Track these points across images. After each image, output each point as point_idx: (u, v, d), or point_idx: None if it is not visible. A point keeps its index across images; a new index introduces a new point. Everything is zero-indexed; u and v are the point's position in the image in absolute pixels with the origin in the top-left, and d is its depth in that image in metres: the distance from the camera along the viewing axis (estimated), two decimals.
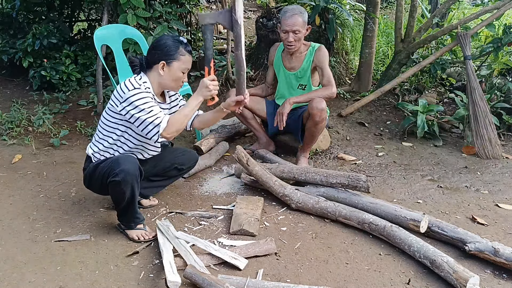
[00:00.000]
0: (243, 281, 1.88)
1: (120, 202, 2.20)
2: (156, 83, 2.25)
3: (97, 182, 2.24)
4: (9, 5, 4.94)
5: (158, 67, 2.20)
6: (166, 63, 2.19)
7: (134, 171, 2.14)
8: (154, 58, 2.21)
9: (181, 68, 2.21)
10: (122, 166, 2.10)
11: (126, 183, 2.11)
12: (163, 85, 2.27)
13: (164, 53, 2.18)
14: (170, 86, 2.27)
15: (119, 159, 2.15)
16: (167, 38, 2.22)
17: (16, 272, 2.03)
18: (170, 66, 2.19)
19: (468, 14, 4.75)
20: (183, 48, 2.20)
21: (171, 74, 2.21)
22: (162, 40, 2.22)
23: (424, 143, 3.67)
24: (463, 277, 1.85)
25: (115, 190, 2.15)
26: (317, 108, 2.89)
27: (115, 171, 2.10)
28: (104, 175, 2.17)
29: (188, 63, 2.24)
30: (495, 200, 2.73)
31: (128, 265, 2.09)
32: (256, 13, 7.46)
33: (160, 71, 2.20)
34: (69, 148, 3.58)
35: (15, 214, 2.54)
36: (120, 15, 3.82)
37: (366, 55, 4.43)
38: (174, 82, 2.24)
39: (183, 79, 2.25)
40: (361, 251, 2.21)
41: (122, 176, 2.09)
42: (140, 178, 2.21)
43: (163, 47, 2.19)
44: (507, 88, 3.92)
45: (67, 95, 4.48)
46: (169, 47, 2.18)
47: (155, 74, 2.23)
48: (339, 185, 2.58)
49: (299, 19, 2.92)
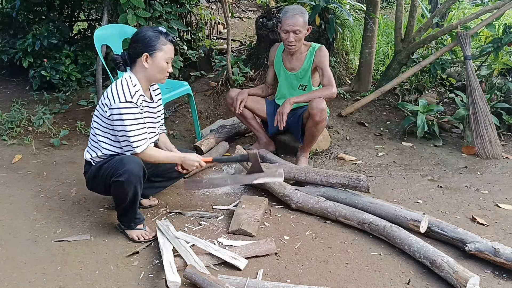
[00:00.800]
0: (243, 281, 1.88)
1: (122, 202, 2.20)
2: (143, 79, 2.23)
3: (101, 183, 2.23)
4: (9, 5, 4.94)
5: (142, 60, 2.17)
6: (149, 54, 2.16)
7: (139, 171, 2.13)
8: (136, 51, 2.17)
9: (165, 57, 2.19)
10: (126, 166, 2.10)
11: (129, 184, 2.11)
12: (149, 78, 2.24)
13: (145, 44, 2.15)
14: (157, 78, 2.25)
15: (124, 159, 2.14)
16: (147, 30, 2.19)
17: (16, 272, 2.03)
18: (154, 57, 2.16)
19: (468, 14, 4.75)
20: (164, 37, 2.17)
21: (155, 65, 2.18)
22: (141, 32, 2.19)
23: (424, 143, 3.67)
24: (463, 277, 1.85)
25: (118, 190, 2.14)
26: (317, 108, 2.89)
27: (119, 171, 2.10)
28: (108, 175, 2.16)
29: (171, 52, 2.21)
30: (495, 200, 2.73)
31: (128, 265, 2.09)
32: (256, 13, 7.46)
33: (144, 64, 2.17)
34: (69, 148, 3.58)
35: (15, 214, 2.54)
36: (120, 15, 3.82)
37: (366, 55, 4.43)
38: (159, 73, 2.22)
39: (168, 69, 2.23)
40: (361, 251, 2.21)
41: (126, 176, 2.09)
42: (144, 179, 2.21)
43: (144, 39, 2.15)
44: (507, 88, 3.92)
45: (67, 95, 4.48)
46: (149, 38, 2.15)
47: (140, 68, 2.20)
48: (339, 185, 2.58)
49: (300, 19, 2.92)
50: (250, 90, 3.33)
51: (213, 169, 3.18)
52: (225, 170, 3.16)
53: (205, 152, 3.31)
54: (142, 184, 2.19)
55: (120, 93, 2.13)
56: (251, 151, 2.39)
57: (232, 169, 3.11)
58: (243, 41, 6.13)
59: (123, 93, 2.13)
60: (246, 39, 6.27)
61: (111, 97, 2.14)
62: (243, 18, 7.35)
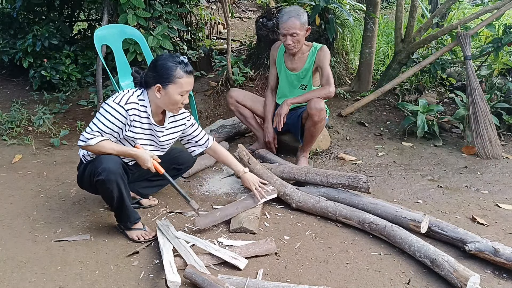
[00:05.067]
0: (243, 281, 1.88)
1: (111, 201, 2.21)
2: (154, 104, 2.18)
3: (87, 182, 2.25)
4: (9, 5, 4.94)
5: (154, 90, 2.11)
6: (161, 86, 2.09)
7: (117, 169, 2.12)
8: (150, 79, 2.13)
9: (179, 91, 2.10)
10: (104, 164, 2.09)
11: (110, 181, 2.10)
12: (161, 106, 2.19)
13: (159, 75, 2.08)
14: (168, 108, 2.20)
15: (102, 158, 2.13)
16: (165, 59, 2.10)
17: (16, 272, 2.03)
18: (166, 89, 2.09)
19: (468, 14, 4.75)
20: (181, 69, 2.08)
21: (167, 97, 2.11)
22: (159, 60, 2.11)
23: (424, 143, 3.67)
24: (463, 275, 1.85)
25: (102, 189, 2.15)
26: (316, 108, 2.89)
27: (98, 170, 2.10)
28: (90, 175, 2.17)
29: (188, 85, 2.12)
30: (495, 200, 2.73)
31: (128, 265, 2.09)
32: (256, 13, 7.47)
33: (157, 94, 2.11)
34: (69, 148, 3.58)
35: (15, 214, 2.54)
36: (120, 15, 3.82)
37: (366, 55, 4.43)
38: (171, 105, 2.15)
39: (182, 101, 2.15)
40: (361, 251, 2.21)
41: (105, 174, 2.09)
42: (127, 176, 2.21)
43: (159, 69, 2.08)
44: (507, 88, 3.92)
45: (67, 95, 4.49)
46: (165, 69, 2.07)
47: (152, 95, 2.16)
48: (339, 185, 2.58)
49: (296, 21, 2.91)
50: (267, 108, 3.24)
51: (213, 169, 3.18)
52: (225, 170, 3.16)
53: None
54: (124, 180, 2.17)
55: (119, 96, 2.14)
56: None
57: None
58: (243, 41, 6.13)
59: (120, 97, 2.13)
60: (246, 39, 6.27)
61: (111, 97, 2.16)
62: (243, 18, 7.35)
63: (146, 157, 2.20)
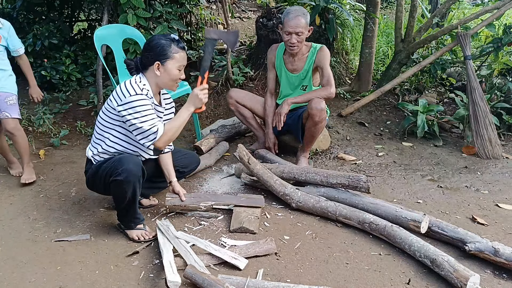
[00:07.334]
0: (243, 281, 1.88)
1: (121, 202, 2.20)
2: (154, 84, 2.26)
3: (101, 182, 2.24)
4: (9, 5, 4.94)
5: (154, 68, 2.20)
6: (160, 63, 2.19)
7: (137, 171, 2.14)
8: (148, 60, 2.21)
9: (176, 66, 2.21)
10: (125, 165, 2.11)
11: (128, 183, 2.11)
12: (161, 84, 2.27)
13: (157, 53, 2.18)
14: (168, 85, 2.28)
15: (123, 158, 2.15)
16: (159, 38, 2.21)
17: (16, 272, 2.03)
18: (165, 65, 2.19)
19: (468, 14, 4.75)
20: (175, 45, 2.20)
21: (167, 73, 2.21)
22: (153, 40, 2.21)
23: (424, 143, 3.67)
24: (463, 275, 1.85)
25: (117, 189, 2.15)
26: (316, 108, 2.89)
27: (117, 170, 2.10)
28: (107, 174, 2.17)
29: (183, 59, 2.24)
30: (495, 200, 2.73)
31: (128, 265, 2.09)
32: (256, 13, 7.46)
33: (156, 72, 2.20)
34: (69, 148, 3.58)
35: (15, 214, 2.54)
36: (120, 15, 3.82)
37: (366, 55, 4.43)
38: (171, 81, 2.25)
39: (180, 76, 2.26)
40: (361, 251, 2.21)
41: (124, 175, 2.09)
42: (143, 179, 2.21)
43: (156, 48, 2.18)
44: (507, 88, 3.92)
45: (67, 95, 4.48)
46: (161, 47, 2.17)
47: (152, 75, 2.23)
48: (339, 185, 2.58)
49: (302, 20, 2.92)
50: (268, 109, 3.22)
51: (213, 169, 3.18)
52: (225, 170, 3.16)
53: (205, 152, 3.31)
54: (141, 183, 2.20)
55: (130, 89, 2.16)
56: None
57: (232, 169, 3.11)
58: (243, 41, 6.12)
59: (132, 88, 2.16)
60: (246, 39, 6.27)
61: (121, 94, 2.16)
62: (243, 18, 7.35)
63: (195, 94, 2.25)
